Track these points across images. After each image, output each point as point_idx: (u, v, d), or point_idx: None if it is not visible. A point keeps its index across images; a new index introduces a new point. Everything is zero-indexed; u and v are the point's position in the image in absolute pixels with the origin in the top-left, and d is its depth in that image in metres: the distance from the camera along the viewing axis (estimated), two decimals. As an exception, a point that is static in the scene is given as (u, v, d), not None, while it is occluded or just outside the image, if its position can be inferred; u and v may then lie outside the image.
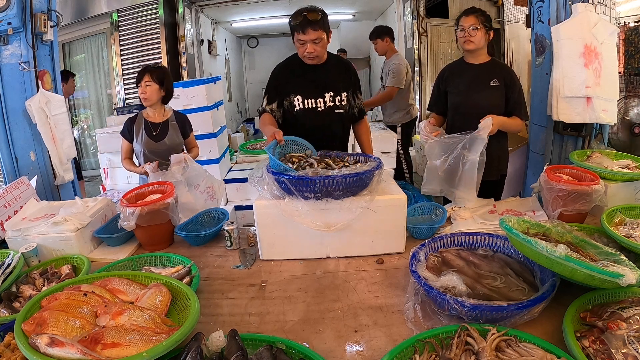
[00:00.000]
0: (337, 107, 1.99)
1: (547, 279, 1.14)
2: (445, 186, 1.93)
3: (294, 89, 1.95)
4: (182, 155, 2.15)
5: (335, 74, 2.00)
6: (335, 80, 1.99)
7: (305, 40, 1.82)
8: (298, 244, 1.53)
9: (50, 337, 0.87)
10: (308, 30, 1.80)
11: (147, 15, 5.15)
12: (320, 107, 1.96)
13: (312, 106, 1.96)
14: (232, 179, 3.56)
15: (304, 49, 1.85)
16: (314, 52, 1.85)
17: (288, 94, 1.96)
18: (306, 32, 1.81)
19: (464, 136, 1.82)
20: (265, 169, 1.54)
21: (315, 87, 1.96)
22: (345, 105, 2.01)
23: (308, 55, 1.87)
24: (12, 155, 2.59)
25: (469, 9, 2.00)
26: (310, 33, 1.80)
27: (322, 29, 1.82)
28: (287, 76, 1.98)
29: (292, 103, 1.96)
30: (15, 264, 1.38)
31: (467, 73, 2.05)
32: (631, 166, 1.92)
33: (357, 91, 2.10)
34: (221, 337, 0.98)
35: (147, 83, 2.23)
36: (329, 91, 1.97)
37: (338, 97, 1.98)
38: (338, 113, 2.00)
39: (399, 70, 3.69)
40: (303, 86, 1.95)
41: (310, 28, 1.80)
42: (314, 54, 1.86)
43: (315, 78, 1.95)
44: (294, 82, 1.96)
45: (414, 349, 0.96)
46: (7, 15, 2.41)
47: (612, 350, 0.89)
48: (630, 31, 3.50)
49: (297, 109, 1.96)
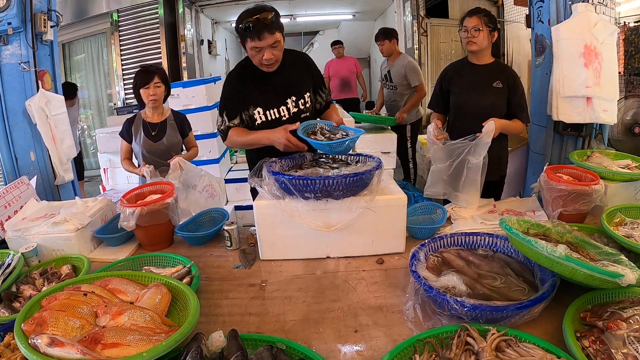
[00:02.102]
0: (303, 112, 1.79)
1: (547, 279, 1.14)
2: (449, 189, 1.92)
3: (253, 101, 1.73)
4: (176, 160, 2.08)
5: (295, 75, 1.77)
6: (296, 82, 1.77)
7: (262, 46, 1.57)
8: (298, 244, 1.53)
9: (50, 337, 0.87)
10: (264, 35, 1.54)
11: (147, 15, 5.16)
12: (284, 115, 1.76)
13: (276, 117, 1.75)
14: (232, 179, 3.56)
15: (260, 56, 1.60)
16: (272, 57, 1.60)
17: (246, 107, 1.73)
18: (262, 37, 1.54)
19: (469, 142, 1.82)
20: (266, 169, 1.54)
21: (276, 95, 1.74)
22: (309, 107, 1.81)
23: (266, 62, 1.62)
24: (12, 155, 2.59)
25: (473, 9, 1.98)
26: (267, 37, 1.55)
27: (278, 31, 1.58)
28: (243, 87, 1.74)
29: (252, 117, 1.74)
30: (15, 264, 1.38)
31: (471, 73, 2.04)
32: (631, 166, 1.92)
33: (321, 86, 1.87)
34: (221, 337, 0.98)
35: (156, 84, 2.22)
36: (291, 96, 1.76)
37: (301, 101, 1.78)
38: (304, 117, 1.78)
39: (417, 68, 3.83)
40: (262, 96, 1.73)
41: (267, 32, 1.54)
42: (272, 60, 1.62)
43: (274, 85, 1.73)
44: (251, 93, 1.73)
45: (414, 349, 0.96)
46: (7, 15, 2.41)
47: (612, 350, 0.89)
48: (630, 31, 3.51)
49: (258, 122, 1.74)
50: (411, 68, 3.77)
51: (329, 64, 5.62)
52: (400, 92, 3.90)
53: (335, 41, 5.75)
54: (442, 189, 1.93)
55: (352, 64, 5.61)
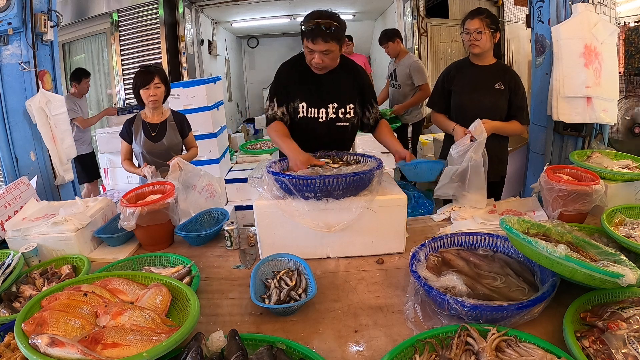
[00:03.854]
0: (339, 120, 1.84)
1: (547, 279, 1.14)
2: (459, 190, 1.92)
3: (300, 95, 1.82)
4: (175, 161, 2.08)
5: (343, 84, 1.84)
6: (342, 91, 1.84)
7: (314, 49, 1.66)
8: (298, 244, 1.53)
9: (50, 337, 0.87)
10: (318, 41, 1.62)
11: (147, 15, 5.15)
12: (322, 117, 1.83)
13: (315, 115, 1.83)
14: (232, 179, 3.56)
15: (311, 57, 1.70)
16: (321, 63, 1.69)
17: (293, 99, 1.83)
18: (315, 42, 1.63)
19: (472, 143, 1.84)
20: (265, 169, 1.54)
21: (320, 96, 1.82)
22: (352, 118, 1.85)
23: (315, 65, 1.72)
24: (12, 155, 2.59)
25: (475, 10, 1.96)
26: (320, 44, 1.63)
27: (333, 41, 1.64)
28: (293, 79, 1.83)
29: (295, 109, 1.83)
30: (15, 264, 1.38)
31: (473, 74, 2.04)
32: (631, 166, 1.92)
33: (372, 102, 1.93)
34: (221, 337, 0.98)
35: (157, 85, 2.21)
36: (333, 102, 1.82)
37: (342, 110, 1.83)
38: (339, 126, 1.85)
39: (421, 67, 3.80)
40: (308, 93, 1.82)
41: (321, 39, 1.62)
42: (321, 65, 1.71)
43: (321, 86, 1.81)
44: (300, 87, 1.82)
45: (414, 349, 0.96)
46: (7, 15, 2.41)
47: (612, 350, 0.89)
48: (630, 31, 3.51)
49: (300, 116, 1.83)
50: (416, 68, 3.77)
51: None
52: (404, 91, 3.89)
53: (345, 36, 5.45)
54: (452, 190, 1.93)
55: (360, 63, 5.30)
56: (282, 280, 1.33)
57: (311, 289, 1.25)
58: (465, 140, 1.86)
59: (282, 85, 1.84)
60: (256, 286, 1.30)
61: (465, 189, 1.88)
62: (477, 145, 1.81)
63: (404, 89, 3.88)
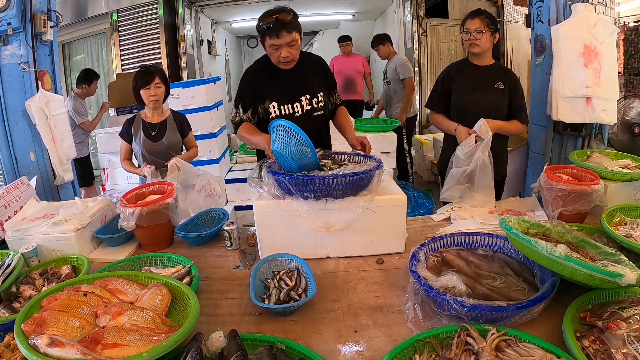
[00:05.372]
0: (315, 110, 1.89)
1: (547, 278, 1.14)
2: (467, 192, 1.92)
3: (269, 95, 1.83)
4: (174, 161, 2.09)
5: (310, 75, 1.89)
6: (311, 81, 1.88)
7: (280, 44, 1.70)
8: (298, 244, 1.53)
9: (50, 337, 0.87)
10: (282, 34, 1.67)
11: (147, 16, 5.15)
12: (297, 112, 1.85)
13: (289, 112, 1.84)
14: (232, 179, 3.57)
15: (278, 53, 1.72)
16: (289, 55, 1.73)
17: (262, 100, 1.84)
18: (280, 36, 1.67)
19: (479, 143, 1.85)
20: (265, 169, 1.54)
21: (291, 91, 1.84)
22: (323, 106, 1.91)
23: (283, 60, 1.74)
24: (12, 155, 2.60)
25: (475, 11, 1.98)
26: (285, 36, 1.68)
27: (295, 30, 1.70)
28: (259, 81, 1.84)
29: (267, 110, 1.84)
30: (15, 264, 1.38)
31: (473, 74, 2.04)
32: (631, 166, 1.92)
33: (333, 89, 1.99)
34: (221, 337, 0.98)
35: (157, 85, 2.21)
36: (305, 94, 1.86)
37: (315, 99, 1.87)
38: (317, 116, 1.89)
39: (406, 63, 4.16)
40: (278, 91, 1.84)
41: (285, 31, 1.67)
42: (289, 58, 1.74)
43: (290, 81, 1.84)
44: (268, 87, 1.83)
45: (414, 349, 0.96)
46: (7, 16, 2.41)
47: (612, 350, 0.89)
48: (630, 31, 3.51)
49: (272, 116, 1.84)
50: (401, 63, 4.12)
51: (333, 61, 5.10)
52: (394, 87, 4.24)
53: (343, 37, 5.13)
54: (459, 192, 1.93)
55: (358, 63, 5.09)
56: (281, 280, 1.33)
57: (311, 289, 1.25)
58: (470, 140, 1.87)
59: (250, 89, 1.85)
60: (256, 286, 1.29)
61: (474, 190, 1.89)
62: (484, 145, 1.82)
63: (394, 84, 4.23)
